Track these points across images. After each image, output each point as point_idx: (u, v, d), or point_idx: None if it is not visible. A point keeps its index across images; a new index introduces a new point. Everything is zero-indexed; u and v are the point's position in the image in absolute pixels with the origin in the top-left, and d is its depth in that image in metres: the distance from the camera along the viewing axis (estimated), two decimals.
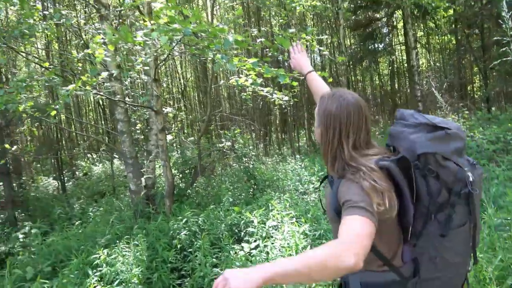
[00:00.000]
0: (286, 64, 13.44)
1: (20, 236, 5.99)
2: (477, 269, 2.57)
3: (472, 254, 1.35)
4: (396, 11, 13.49)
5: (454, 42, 15.21)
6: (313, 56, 17.02)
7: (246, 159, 7.47)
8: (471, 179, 1.25)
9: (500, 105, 14.25)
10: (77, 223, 6.20)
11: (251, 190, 6.77)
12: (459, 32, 13.43)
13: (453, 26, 13.87)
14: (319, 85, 1.96)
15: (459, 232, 1.30)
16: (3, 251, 5.72)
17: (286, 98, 3.34)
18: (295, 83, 3.44)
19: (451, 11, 12.93)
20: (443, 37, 16.65)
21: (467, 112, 8.23)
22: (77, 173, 14.04)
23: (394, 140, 1.43)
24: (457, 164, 1.28)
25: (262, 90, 3.39)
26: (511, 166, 5.46)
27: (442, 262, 1.33)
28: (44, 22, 3.88)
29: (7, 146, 5.43)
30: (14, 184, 8.98)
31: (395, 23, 15.65)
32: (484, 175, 4.83)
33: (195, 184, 7.29)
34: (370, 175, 1.23)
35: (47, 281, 3.74)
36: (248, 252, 3.99)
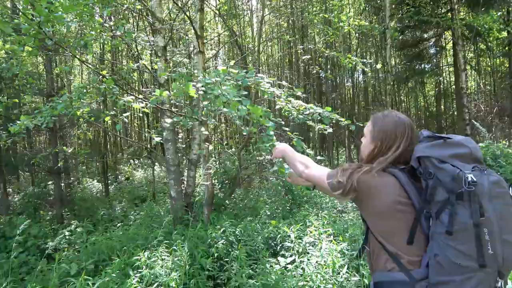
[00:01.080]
0: (329, 81, 13.42)
1: (66, 233, 6.29)
2: None
3: (477, 257, 1.31)
4: (445, 32, 13.14)
5: (506, 65, 14.57)
6: (356, 75, 16.89)
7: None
8: (469, 179, 1.30)
9: None
10: (118, 225, 6.44)
11: (288, 205, 6.76)
12: None
13: (507, 48, 13.34)
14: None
15: (461, 231, 1.32)
16: (50, 246, 6.02)
17: (330, 130, 3.43)
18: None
19: (504, 33, 12.44)
20: (494, 59, 15.99)
21: None
22: (119, 177, 14.60)
23: None
24: (453, 166, 1.36)
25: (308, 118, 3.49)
26: None
27: (446, 263, 1.35)
28: (105, 34, 4.16)
29: (65, 148, 5.78)
30: (63, 184, 9.49)
31: (444, 44, 15.21)
32: None
33: (233, 195, 7.39)
34: (362, 171, 1.54)
35: (90, 278, 3.91)
36: (284, 267, 3.99)
